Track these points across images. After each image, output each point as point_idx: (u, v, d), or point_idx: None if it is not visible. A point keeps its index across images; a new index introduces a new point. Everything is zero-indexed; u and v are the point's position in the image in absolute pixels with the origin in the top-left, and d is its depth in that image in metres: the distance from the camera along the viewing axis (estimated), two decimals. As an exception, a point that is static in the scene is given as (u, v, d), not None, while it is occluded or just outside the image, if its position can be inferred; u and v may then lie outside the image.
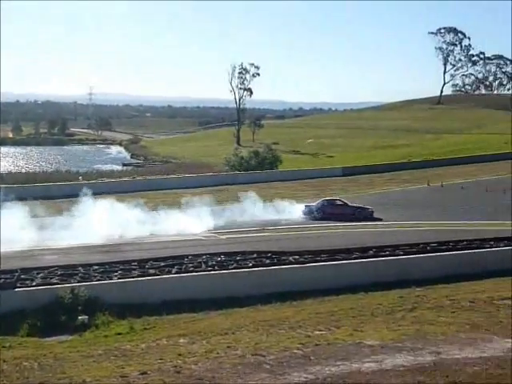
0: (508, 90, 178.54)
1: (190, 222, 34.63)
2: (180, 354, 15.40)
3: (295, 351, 15.15)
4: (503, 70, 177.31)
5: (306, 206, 41.78)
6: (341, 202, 42.10)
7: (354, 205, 42.09)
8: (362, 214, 40.44)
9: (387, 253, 27.57)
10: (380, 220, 39.41)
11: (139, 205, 35.61)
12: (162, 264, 25.64)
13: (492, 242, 29.43)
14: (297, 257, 26.98)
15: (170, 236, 32.54)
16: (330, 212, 40.76)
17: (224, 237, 33.04)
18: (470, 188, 55.50)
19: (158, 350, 16.28)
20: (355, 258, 26.66)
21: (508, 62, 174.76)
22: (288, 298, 22.09)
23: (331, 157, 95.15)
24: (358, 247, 28.72)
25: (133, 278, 23.58)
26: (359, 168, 73.88)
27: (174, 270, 24.73)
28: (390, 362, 13.80)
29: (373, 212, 41.08)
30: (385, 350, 14.80)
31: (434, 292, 22.30)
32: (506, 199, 47.71)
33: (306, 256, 27.04)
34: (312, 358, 14.52)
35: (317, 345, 15.66)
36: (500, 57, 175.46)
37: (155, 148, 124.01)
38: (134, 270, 24.79)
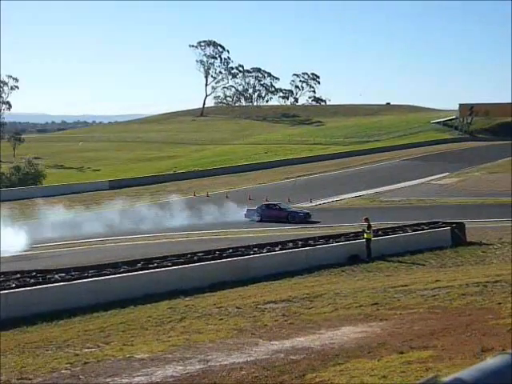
0: (267, 101, 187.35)
1: None
2: None
3: (63, 371, 14.63)
4: (262, 82, 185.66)
5: (247, 209, 45.40)
6: (277, 207, 45.36)
7: (289, 209, 45.66)
8: (295, 218, 43.53)
9: (155, 265, 27.57)
10: (318, 222, 42.11)
11: None
12: None
13: (256, 249, 30.47)
14: (63, 274, 26.15)
15: None
16: (267, 215, 44.03)
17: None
18: (235, 197, 57.32)
19: None
20: (123, 272, 26.36)
21: (266, 75, 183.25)
22: (55, 318, 21.35)
23: (97, 170, 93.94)
24: (126, 260, 28.47)
25: None
26: (126, 180, 73.67)
27: None
28: (160, 373, 13.76)
29: (306, 215, 44.06)
30: (155, 362, 14.74)
31: (203, 301, 22.65)
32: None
33: (72, 273, 26.30)
34: (81, 376, 14.10)
35: (86, 363, 15.24)
36: (258, 70, 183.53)
37: None
38: None
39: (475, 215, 42.49)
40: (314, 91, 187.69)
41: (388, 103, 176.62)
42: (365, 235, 30.51)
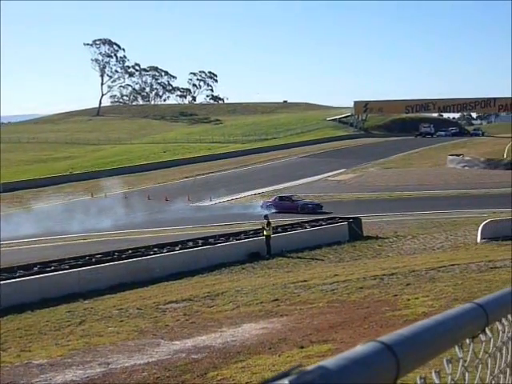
0: (164, 100, 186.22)
1: None
2: None
3: (-43, 382, 14.13)
4: (159, 81, 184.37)
5: (263, 202, 48.56)
6: (290, 199, 47.91)
7: (300, 201, 47.72)
8: (304, 209, 45.57)
9: (52, 268, 26.90)
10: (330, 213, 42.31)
11: None
12: None
13: (156, 249, 30.24)
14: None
15: None
16: (281, 207, 46.10)
17: None
18: (133, 197, 56.73)
19: None
20: (19, 276, 25.60)
21: (163, 73, 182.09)
22: None
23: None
24: (22, 265, 27.67)
25: None
26: (21, 183, 71.67)
27: None
28: (59, 378, 13.49)
29: (316, 206, 46.34)
30: (54, 367, 14.43)
31: (102, 303, 22.31)
32: (167, 206, 49.65)
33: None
34: (-24, 386, 13.66)
35: (-19, 372, 14.77)
36: (155, 68, 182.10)
37: None
38: None
39: (371, 210, 43.59)
40: (212, 90, 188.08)
41: (285, 101, 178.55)
42: (264, 232, 30.79)
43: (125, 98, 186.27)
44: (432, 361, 1.34)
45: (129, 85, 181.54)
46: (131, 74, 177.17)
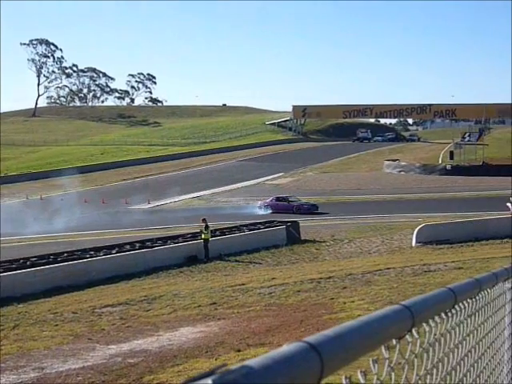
0: (102, 102, 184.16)
1: None
2: None
3: None
4: (96, 82, 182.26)
5: (261, 202, 49.10)
6: (286, 200, 48.53)
7: (296, 202, 48.23)
8: (300, 209, 46.31)
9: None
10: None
11: None
12: None
13: (92, 252, 29.86)
14: None
15: None
16: (278, 207, 47.23)
17: None
18: (70, 199, 55.95)
19: None
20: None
21: (101, 75, 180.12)
22: None
23: None
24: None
25: None
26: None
27: None
28: (-9, 384, 13.23)
29: (312, 206, 47.01)
30: (-14, 373, 14.14)
31: (37, 307, 21.92)
32: (104, 209, 49.09)
33: None
34: None
35: None
36: (93, 69, 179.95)
37: None
38: None
39: (309, 214, 43.97)
40: (151, 92, 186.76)
41: (224, 104, 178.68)
42: (202, 236, 30.74)
43: (62, 99, 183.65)
44: (359, 361, 1.37)
45: (66, 86, 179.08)
46: (68, 75, 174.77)
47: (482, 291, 2.71)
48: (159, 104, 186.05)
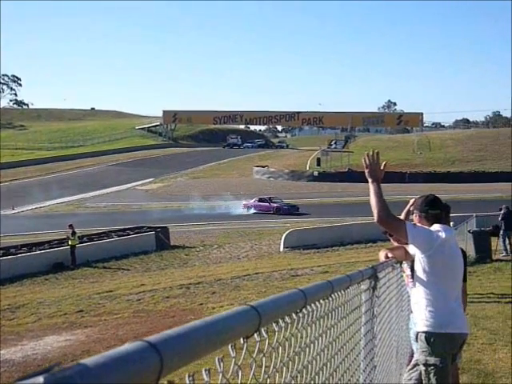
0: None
1: None
2: None
3: None
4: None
5: (244, 203, 49.57)
6: (268, 200, 48.96)
7: (277, 203, 48.55)
8: (280, 210, 46.85)
9: None
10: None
11: None
12: None
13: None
14: None
15: None
16: (259, 208, 47.99)
17: None
18: None
19: None
20: None
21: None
22: None
23: None
24: None
25: None
26: None
27: None
28: None
29: (291, 207, 47.49)
30: None
31: None
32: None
33: None
34: None
35: None
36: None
37: None
38: None
39: (179, 219, 43.86)
40: (16, 94, 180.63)
41: (93, 108, 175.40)
42: (69, 242, 30.09)
43: None
44: (205, 359, 1.42)
45: None
46: None
47: (334, 293, 2.83)
48: (25, 107, 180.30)
